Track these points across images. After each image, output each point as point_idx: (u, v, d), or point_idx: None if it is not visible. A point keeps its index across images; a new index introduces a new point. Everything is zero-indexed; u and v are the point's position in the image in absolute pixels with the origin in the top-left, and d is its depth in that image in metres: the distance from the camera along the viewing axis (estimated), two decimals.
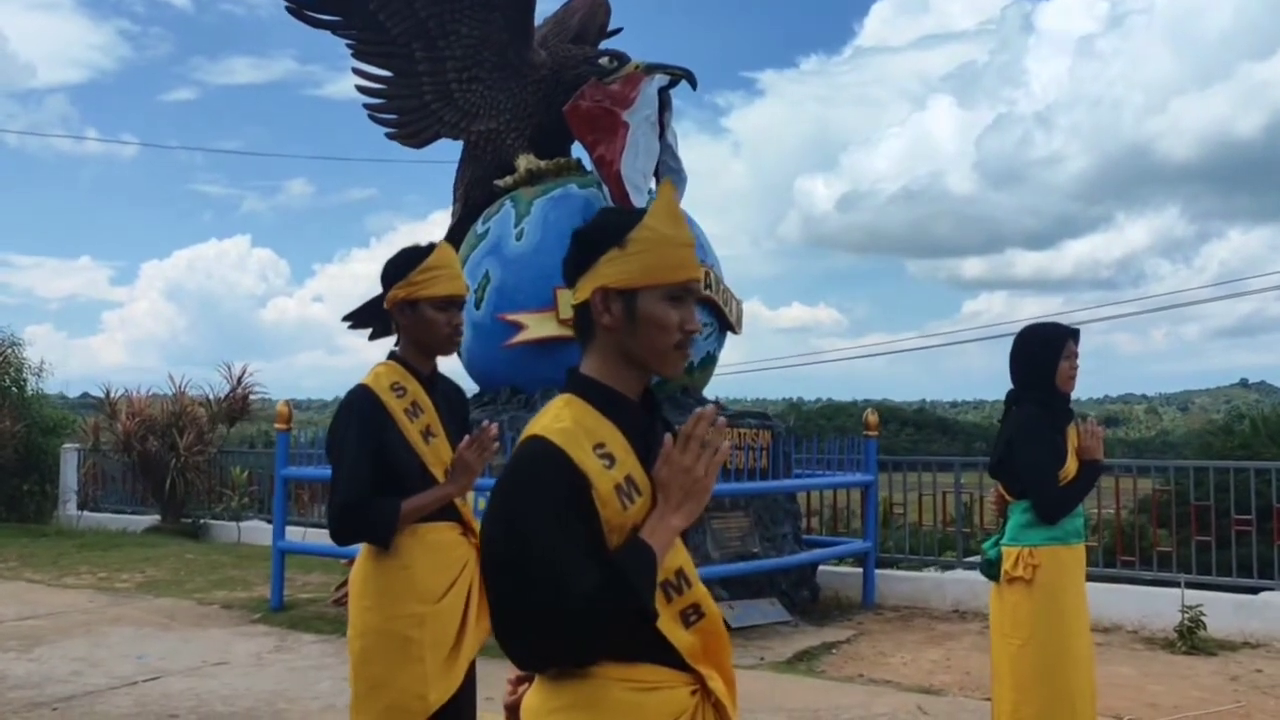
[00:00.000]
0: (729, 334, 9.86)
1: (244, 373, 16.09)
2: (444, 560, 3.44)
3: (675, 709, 2.04)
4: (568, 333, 8.56)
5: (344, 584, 3.72)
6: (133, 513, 15.67)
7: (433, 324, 3.46)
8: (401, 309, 3.48)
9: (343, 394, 3.64)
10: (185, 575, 11.35)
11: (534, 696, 2.07)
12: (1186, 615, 8.33)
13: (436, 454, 3.45)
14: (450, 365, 3.80)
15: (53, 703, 6.49)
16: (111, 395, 16.05)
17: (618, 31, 11.35)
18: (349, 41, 9.64)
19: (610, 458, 1.96)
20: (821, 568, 10.07)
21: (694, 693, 2.08)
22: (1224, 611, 8.55)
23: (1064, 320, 5.08)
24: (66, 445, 17.14)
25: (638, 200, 8.86)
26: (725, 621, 7.70)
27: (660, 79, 9.32)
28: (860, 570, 10.04)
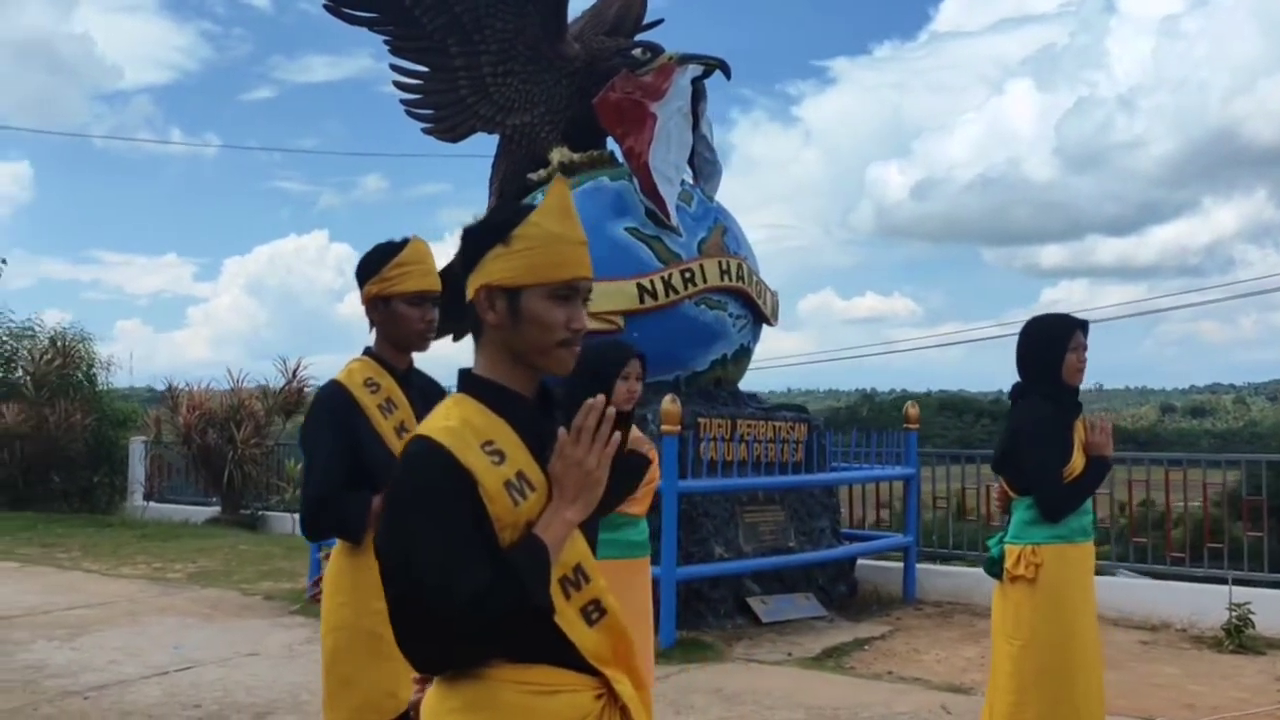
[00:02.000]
0: (764, 326, 9.77)
1: (299, 366, 16.35)
2: None
3: (574, 713, 2.01)
4: (599, 325, 8.55)
5: (320, 579, 3.74)
6: (194, 504, 16.01)
7: (405, 319, 3.45)
8: (375, 304, 3.48)
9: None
10: (235, 566, 11.56)
11: (431, 696, 2.07)
12: (1234, 613, 8.10)
13: None
14: (427, 359, 3.80)
15: (85, 691, 6.63)
16: (173, 388, 16.39)
17: (657, 23, 11.31)
18: (385, 38, 9.71)
19: (500, 454, 1.96)
20: (862, 562, 9.95)
21: (599, 697, 2.05)
22: (1276, 609, 8.30)
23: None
24: (135, 438, 17.55)
25: (667, 192, 8.83)
26: (756, 616, 7.65)
27: (693, 69, 9.27)
28: (901, 565, 9.90)
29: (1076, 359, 4.34)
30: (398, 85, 9.80)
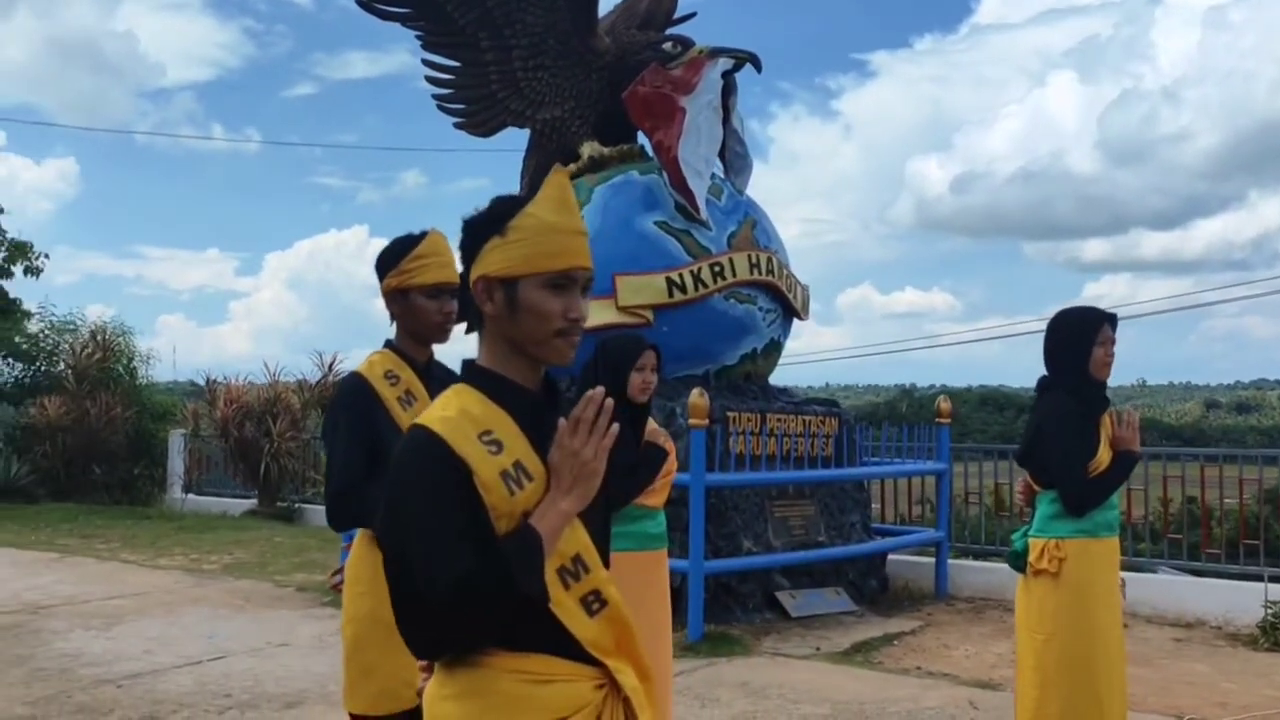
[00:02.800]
0: (795, 320, 9.74)
1: (335, 360, 16.48)
2: None
3: (572, 703, 2.02)
4: (629, 319, 8.58)
5: (340, 569, 3.78)
6: (232, 496, 16.17)
7: (424, 312, 3.47)
8: (394, 297, 3.50)
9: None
10: (270, 558, 11.67)
11: (432, 683, 2.09)
12: (1270, 611, 8.00)
13: None
14: (450, 351, 3.83)
15: (118, 680, 6.72)
16: (211, 382, 16.58)
17: (690, 17, 11.28)
18: (418, 33, 9.76)
19: (498, 444, 1.97)
20: (894, 557, 9.91)
21: (600, 687, 2.06)
22: None
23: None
24: (174, 431, 17.76)
25: (697, 186, 8.81)
26: (785, 610, 7.63)
27: (724, 63, 9.25)
28: (933, 560, 9.85)
29: (1104, 353, 4.28)
30: (429, 80, 9.84)
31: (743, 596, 8.44)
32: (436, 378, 3.59)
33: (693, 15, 11.40)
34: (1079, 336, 4.29)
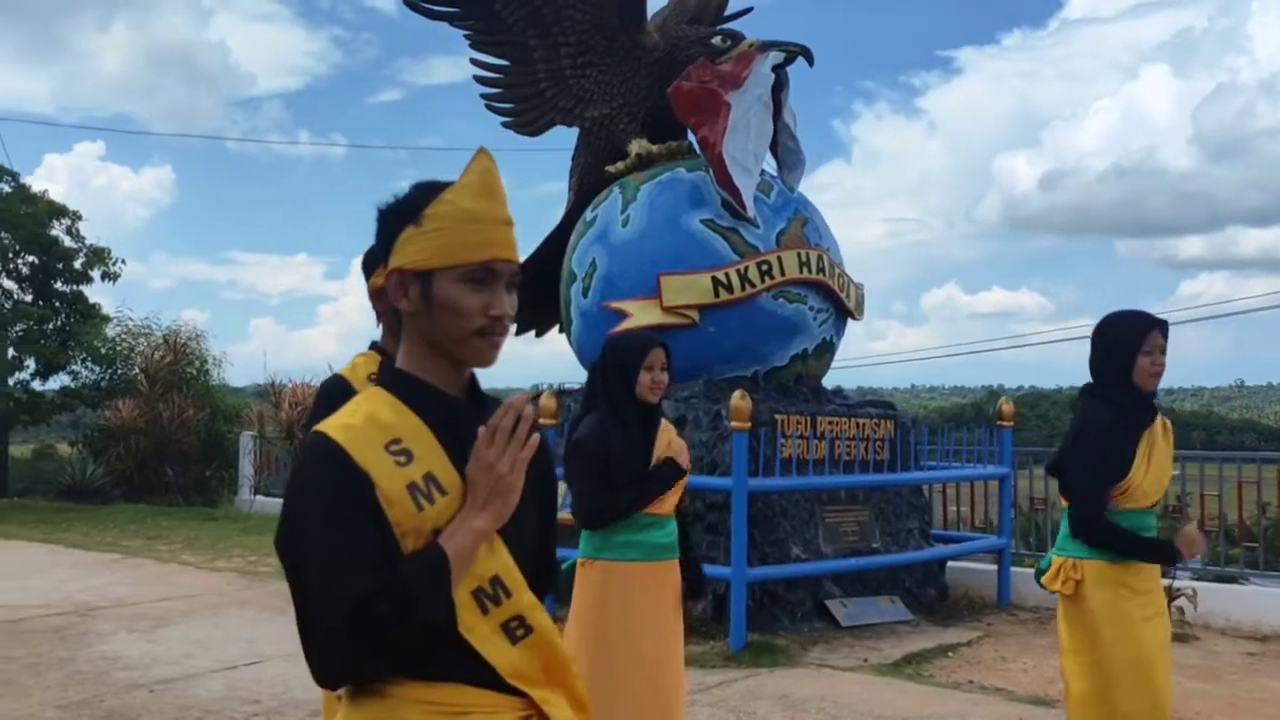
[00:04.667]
0: (849, 320, 9.46)
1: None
2: None
3: None
4: (673, 320, 8.39)
5: None
6: None
7: None
8: (381, 296, 3.34)
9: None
10: None
11: (339, 714, 1.93)
12: None
13: None
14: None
15: (151, 685, 6.70)
16: (275, 384, 16.73)
17: (745, 12, 11.07)
18: (466, 32, 9.68)
19: (407, 454, 1.81)
20: (954, 565, 9.57)
21: (525, 719, 1.89)
22: None
23: None
24: (244, 433, 17.97)
25: (744, 183, 8.58)
26: (835, 619, 7.23)
27: (775, 56, 9.01)
28: (995, 568, 9.49)
29: (1150, 362, 3.91)
30: (478, 80, 9.78)
31: (790, 605, 8.19)
32: None
33: (749, 10, 11.19)
34: (1125, 343, 3.93)
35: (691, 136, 9.32)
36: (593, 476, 4.07)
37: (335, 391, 3.26)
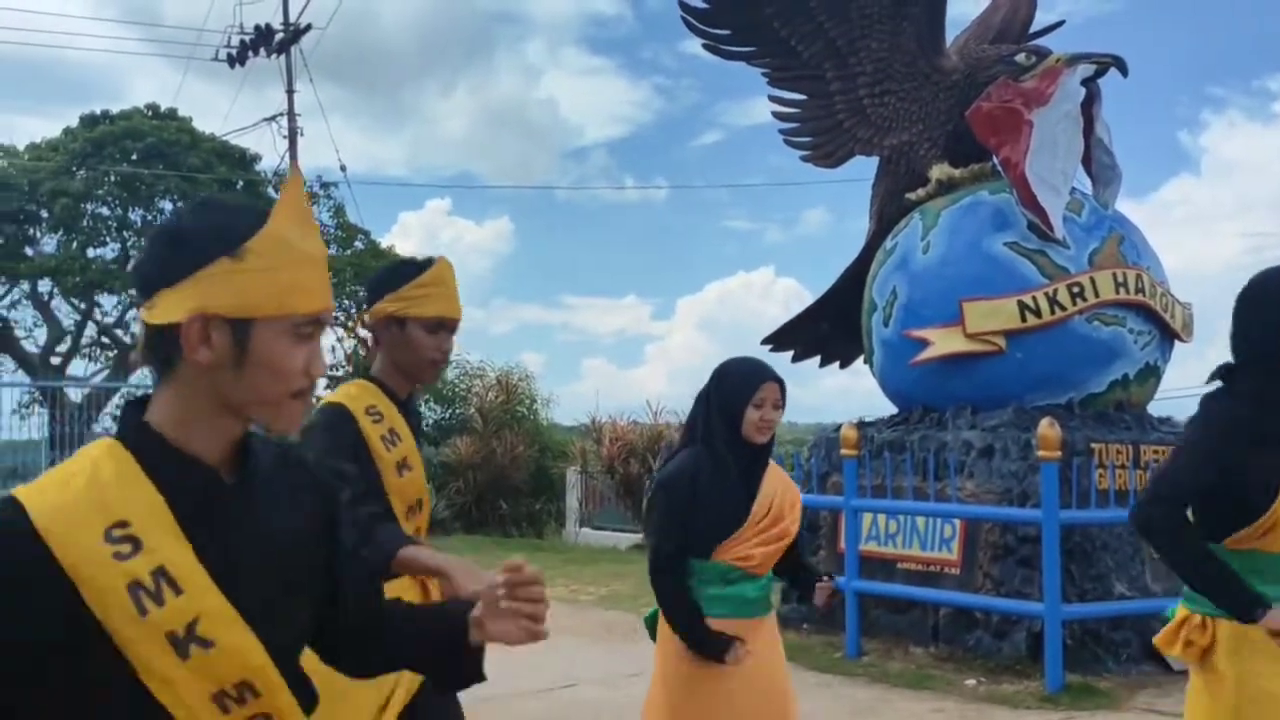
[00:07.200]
0: (1176, 343, 8.86)
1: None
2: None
3: None
4: (977, 347, 8.16)
5: None
6: (620, 530, 16.88)
7: (419, 346, 3.09)
8: (387, 325, 3.10)
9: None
10: (644, 590, 11.92)
11: None
12: None
13: (405, 489, 3.07)
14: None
15: (477, 703, 7.12)
16: (596, 422, 17.46)
17: (1056, 26, 10.71)
18: (763, 70, 9.84)
19: (133, 542, 1.46)
20: None
21: None
22: None
23: None
24: (570, 468, 18.86)
25: (1051, 203, 8.24)
26: (1167, 663, 6.41)
27: (1084, 69, 8.63)
28: None
29: None
30: (776, 115, 9.90)
31: (1115, 645, 7.71)
32: (415, 413, 3.27)
33: (1059, 24, 10.81)
34: None
35: (995, 158, 9.06)
36: (670, 522, 3.63)
37: (343, 423, 3.03)
